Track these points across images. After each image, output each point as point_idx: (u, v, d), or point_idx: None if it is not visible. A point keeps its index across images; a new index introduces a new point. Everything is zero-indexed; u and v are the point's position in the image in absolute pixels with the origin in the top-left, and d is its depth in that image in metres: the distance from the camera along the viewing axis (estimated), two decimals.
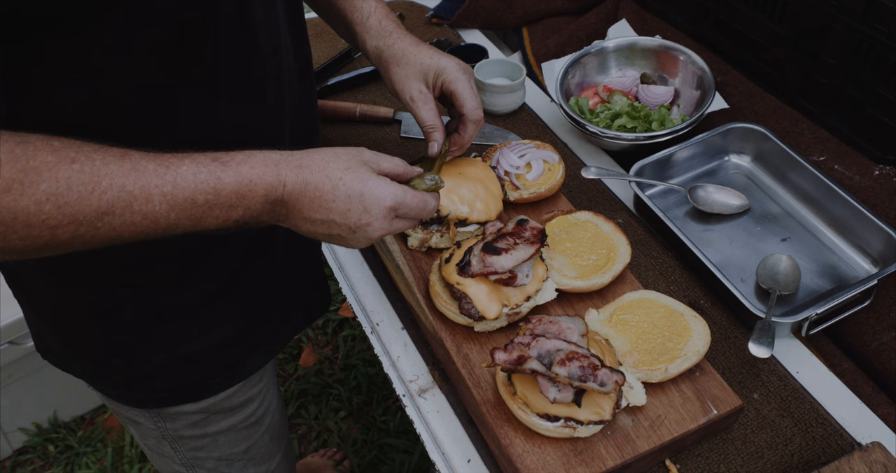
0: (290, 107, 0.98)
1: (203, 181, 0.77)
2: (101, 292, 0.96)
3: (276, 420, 1.29)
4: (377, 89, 1.61)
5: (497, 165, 1.26)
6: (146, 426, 1.14)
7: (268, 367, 1.21)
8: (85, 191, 0.70)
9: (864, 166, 1.32)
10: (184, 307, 1.00)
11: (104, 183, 0.71)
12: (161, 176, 0.75)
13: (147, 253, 0.90)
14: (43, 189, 0.68)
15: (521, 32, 1.77)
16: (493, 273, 1.03)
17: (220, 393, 1.11)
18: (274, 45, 0.91)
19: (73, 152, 0.71)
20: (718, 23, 1.55)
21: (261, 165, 0.81)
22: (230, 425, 1.17)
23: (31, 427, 2.29)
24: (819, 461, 0.99)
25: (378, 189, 0.88)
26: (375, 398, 2.35)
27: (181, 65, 0.80)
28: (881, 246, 1.19)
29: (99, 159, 0.72)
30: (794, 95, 1.43)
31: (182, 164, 0.77)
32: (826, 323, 1.13)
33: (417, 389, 1.10)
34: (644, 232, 1.27)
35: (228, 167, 0.79)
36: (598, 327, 1.05)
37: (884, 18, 1.19)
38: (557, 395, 0.91)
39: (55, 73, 0.74)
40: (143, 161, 0.75)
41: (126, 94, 0.78)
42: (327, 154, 0.87)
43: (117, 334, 1.00)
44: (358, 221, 0.87)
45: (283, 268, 1.09)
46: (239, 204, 0.80)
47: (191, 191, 0.76)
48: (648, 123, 1.42)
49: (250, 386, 1.16)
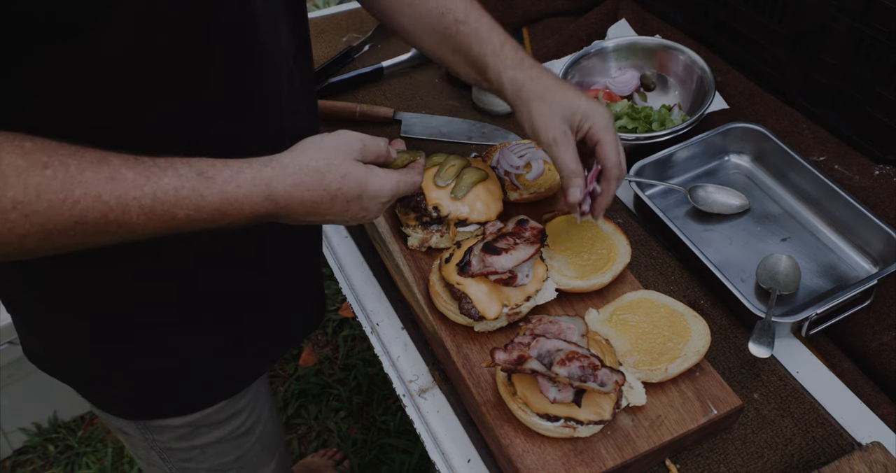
0: (289, 120, 0.96)
1: (185, 197, 0.74)
2: (84, 307, 0.94)
3: (269, 430, 1.26)
4: (377, 89, 1.61)
5: (497, 165, 1.25)
6: (134, 436, 1.12)
7: None
8: (56, 200, 0.66)
9: (864, 166, 1.32)
10: (167, 320, 0.98)
11: (78, 191, 0.67)
12: (140, 187, 0.71)
13: (131, 267, 0.88)
14: (9, 196, 0.64)
15: (521, 32, 1.77)
16: (493, 273, 1.03)
17: (205, 409, 1.09)
18: (275, 60, 0.89)
19: (46, 156, 0.67)
20: (718, 23, 1.55)
21: (248, 184, 0.78)
22: (218, 437, 1.15)
23: (31, 427, 2.29)
24: (819, 461, 0.99)
25: (375, 188, 0.88)
26: (375, 398, 2.35)
27: (176, 79, 0.78)
28: (881, 246, 1.19)
29: (74, 165, 0.68)
30: (794, 95, 1.43)
31: (164, 176, 0.73)
32: (826, 323, 1.13)
33: (417, 389, 1.10)
34: (644, 232, 1.27)
35: (213, 184, 0.76)
36: (598, 327, 1.05)
37: (884, 18, 1.19)
38: (557, 395, 0.91)
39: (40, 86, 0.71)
40: (122, 169, 0.71)
41: (115, 108, 0.76)
42: (320, 160, 0.84)
43: (100, 344, 0.98)
44: (355, 216, 0.89)
45: (275, 286, 1.07)
46: (222, 219, 0.78)
47: (171, 205, 0.73)
48: (649, 124, 1.42)
49: (238, 398, 1.13)
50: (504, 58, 1.04)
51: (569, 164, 1.00)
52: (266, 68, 0.88)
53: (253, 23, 0.83)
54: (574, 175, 1.00)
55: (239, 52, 0.82)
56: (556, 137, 0.99)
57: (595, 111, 1.00)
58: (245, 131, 0.89)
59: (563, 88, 1.02)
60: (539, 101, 1.01)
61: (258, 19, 0.83)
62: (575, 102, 1.00)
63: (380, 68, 1.62)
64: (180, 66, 0.77)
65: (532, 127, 1.02)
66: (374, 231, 1.23)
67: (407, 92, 1.60)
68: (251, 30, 0.83)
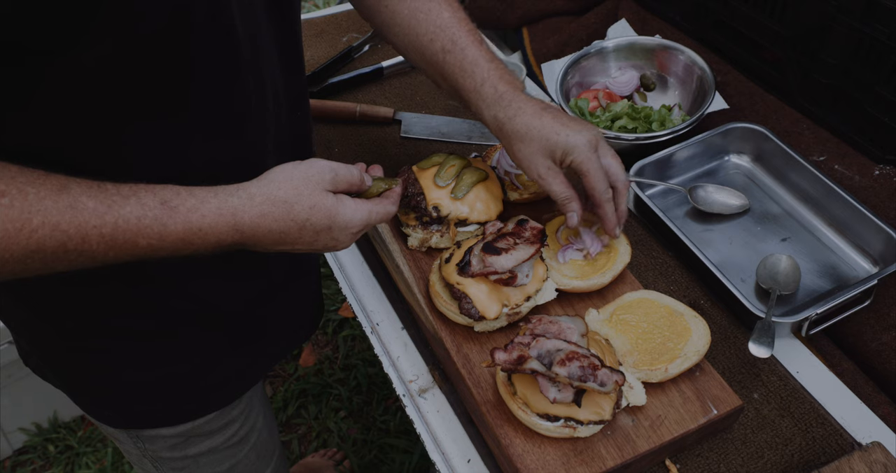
0: (274, 141, 0.95)
1: (147, 226, 0.73)
2: (74, 319, 0.94)
3: (264, 438, 1.25)
4: (377, 89, 1.61)
5: (497, 165, 1.25)
6: (126, 444, 1.12)
7: None
8: (13, 229, 0.66)
9: (864, 166, 1.32)
10: (157, 331, 0.97)
11: (35, 220, 0.67)
12: (101, 216, 0.70)
13: (117, 280, 0.88)
14: None
15: (521, 32, 1.77)
16: (493, 273, 1.03)
17: (196, 420, 1.08)
18: (259, 81, 0.88)
19: (4, 184, 0.66)
20: (718, 23, 1.55)
21: (213, 214, 0.77)
22: (210, 447, 1.14)
23: (31, 427, 2.29)
24: (819, 461, 0.99)
25: (345, 219, 0.87)
26: (375, 398, 2.35)
27: (155, 100, 0.76)
28: (881, 246, 1.19)
29: (33, 193, 0.67)
30: (794, 95, 1.43)
31: (126, 205, 0.72)
32: (826, 323, 1.13)
33: (417, 389, 1.10)
34: (644, 232, 1.27)
35: (176, 213, 0.75)
36: (598, 327, 1.05)
37: (884, 18, 1.19)
38: (557, 395, 0.91)
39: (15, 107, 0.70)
40: (83, 197, 0.70)
41: (91, 128, 0.75)
42: (288, 190, 0.83)
43: (89, 353, 0.98)
44: (325, 246, 0.88)
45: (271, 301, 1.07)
46: (186, 248, 0.77)
47: (132, 234, 0.72)
48: (649, 124, 1.42)
49: (231, 408, 1.12)
50: (484, 97, 1.03)
51: (561, 193, 1.02)
52: (246, 85, 0.85)
53: (232, 39, 0.80)
54: (568, 200, 1.02)
55: (218, 70, 0.80)
56: (540, 174, 1.01)
57: (574, 144, 0.98)
58: (225, 150, 0.87)
59: (542, 124, 1.00)
60: (519, 142, 1.01)
61: (237, 36, 0.81)
62: (553, 139, 0.99)
63: (380, 68, 1.61)
64: (157, 84, 0.76)
65: (518, 163, 1.04)
66: (373, 231, 1.23)
67: (407, 92, 1.60)
68: (230, 46, 0.81)
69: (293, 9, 0.95)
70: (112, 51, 0.69)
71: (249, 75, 0.85)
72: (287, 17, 0.93)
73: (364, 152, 1.46)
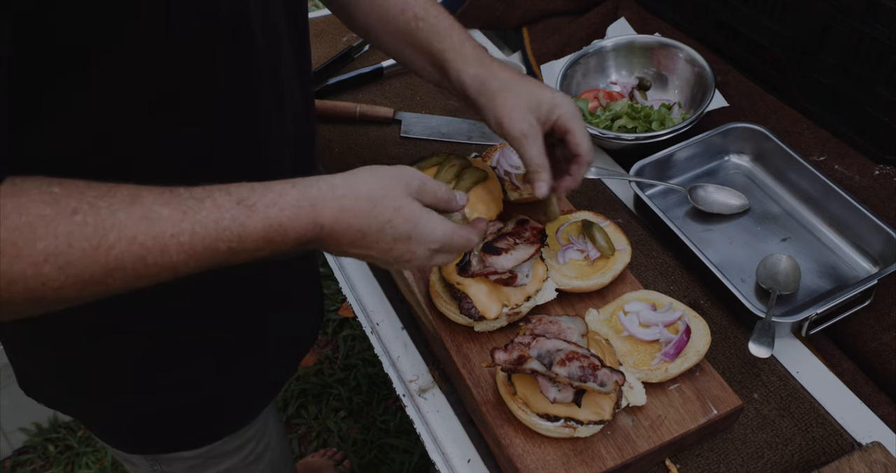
0: (289, 141, 0.94)
1: (226, 229, 0.69)
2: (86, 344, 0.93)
3: (277, 454, 1.25)
4: (377, 89, 1.61)
5: (497, 165, 1.25)
6: (142, 468, 1.11)
7: None
8: (89, 248, 0.63)
9: (864, 166, 1.32)
10: (168, 357, 0.97)
11: (112, 236, 0.63)
12: (177, 224, 0.67)
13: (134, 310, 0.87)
14: (40, 248, 0.60)
15: (521, 32, 1.77)
16: (493, 273, 1.03)
17: (215, 442, 1.08)
18: (279, 92, 0.87)
19: (76, 201, 0.63)
20: (718, 23, 1.55)
21: (293, 207, 0.73)
22: (227, 467, 1.13)
23: (31, 427, 2.29)
24: (819, 461, 0.99)
25: (426, 231, 0.81)
26: (375, 398, 2.35)
27: (180, 110, 0.75)
28: (881, 246, 1.19)
29: (105, 207, 0.64)
30: (794, 95, 1.43)
31: (202, 209, 0.68)
32: (826, 323, 1.13)
33: (417, 389, 1.10)
34: (644, 232, 1.27)
35: (255, 211, 0.71)
36: (598, 327, 1.05)
37: (884, 18, 1.19)
38: (557, 395, 0.91)
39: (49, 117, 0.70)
40: (156, 206, 0.66)
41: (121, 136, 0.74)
42: (374, 187, 0.78)
43: (103, 381, 0.97)
44: (399, 258, 0.82)
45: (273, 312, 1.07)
46: (266, 247, 0.73)
47: (212, 239, 0.69)
48: (648, 123, 1.42)
49: (248, 427, 1.12)
50: (465, 55, 1.00)
51: (535, 159, 0.97)
52: (267, 97, 0.85)
53: (255, 52, 0.80)
54: (541, 169, 0.98)
55: (241, 81, 0.80)
56: (523, 130, 0.96)
57: (562, 100, 0.98)
58: (243, 158, 0.86)
59: (527, 81, 1.00)
60: (504, 93, 0.97)
61: (259, 48, 0.81)
62: (540, 93, 0.98)
63: (380, 68, 1.62)
64: (184, 94, 0.75)
65: (498, 120, 0.98)
66: None
67: (407, 92, 1.60)
68: (253, 59, 0.80)
69: (305, 17, 0.95)
70: (143, 59, 0.68)
71: (271, 88, 0.85)
72: (300, 27, 0.93)
73: (364, 152, 1.46)
